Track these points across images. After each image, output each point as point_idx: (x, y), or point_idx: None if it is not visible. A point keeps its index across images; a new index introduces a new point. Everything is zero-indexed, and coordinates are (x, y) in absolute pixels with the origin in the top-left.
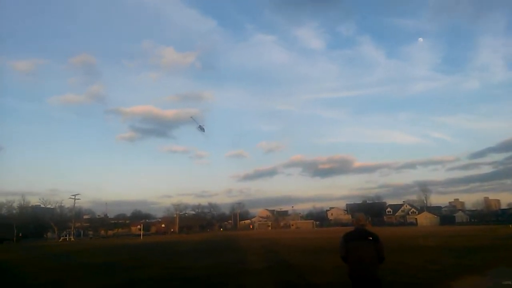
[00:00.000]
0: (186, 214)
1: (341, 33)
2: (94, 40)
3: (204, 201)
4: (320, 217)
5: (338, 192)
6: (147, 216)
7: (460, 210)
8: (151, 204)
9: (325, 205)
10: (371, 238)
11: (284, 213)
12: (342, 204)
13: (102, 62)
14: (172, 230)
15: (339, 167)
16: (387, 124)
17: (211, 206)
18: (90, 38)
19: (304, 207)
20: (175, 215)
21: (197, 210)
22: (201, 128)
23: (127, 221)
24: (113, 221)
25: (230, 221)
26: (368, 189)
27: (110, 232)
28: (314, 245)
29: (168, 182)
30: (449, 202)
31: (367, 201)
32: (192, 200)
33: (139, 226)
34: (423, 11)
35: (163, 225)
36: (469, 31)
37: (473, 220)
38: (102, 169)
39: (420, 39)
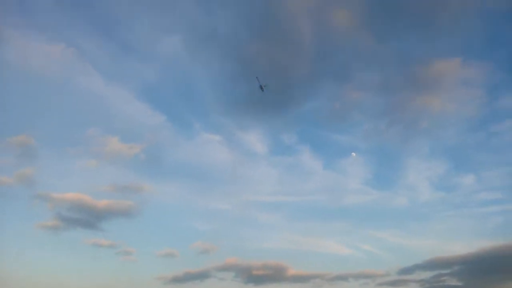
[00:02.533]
0: None
1: (283, 141)
2: (36, 122)
3: None
4: None
5: None
6: None
7: None
8: None
9: None
10: None
11: None
12: None
13: (41, 145)
14: None
15: (273, 274)
16: (322, 232)
17: None
18: (33, 120)
19: None
20: None
21: None
22: (261, 88)
23: None
24: None
25: None
26: None
27: None
28: None
29: (88, 277)
30: None
31: None
32: None
33: None
34: (358, 131)
35: None
36: (398, 153)
37: None
38: (15, 259)
39: (353, 154)
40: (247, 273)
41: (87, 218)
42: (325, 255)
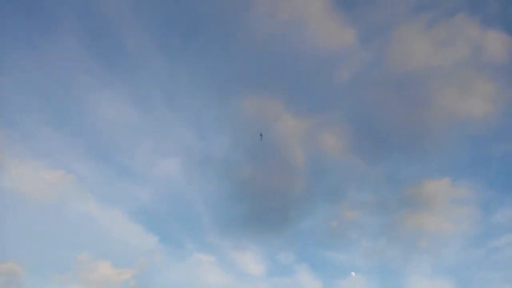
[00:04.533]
0: None
1: (280, 261)
2: (26, 248)
3: None
4: None
5: None
6: None
7: None
8: None
9: None
10: None
11: None
12: None
13: (29, 273)
14: None
15: None
16: None
17: None
18: (23, 246)
19: None
20: None
21: None
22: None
23: None
24: None
25: None
26: None
27: None
28: None
29: None
30: None
31: None
32: None
33: None
34: (356, 250)
35: None
36: (399, 272)
37: None
38: None
39: (353, 274)
40: None
41: None
42: None
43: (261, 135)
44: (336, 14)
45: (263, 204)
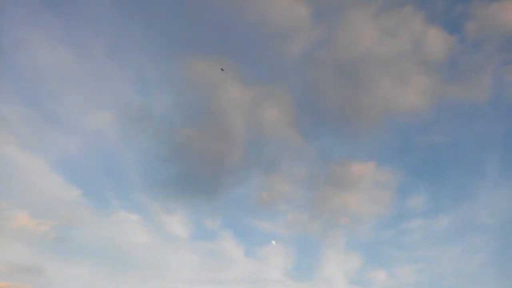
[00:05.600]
0: None
1: (206, 226)
2: None
3: None
4: None
5: None
6: None
7: None
8: None
9: None
10: None
11: None
12: None
13: None
14: None
15: None
16: None
17: None
18: None
19: None
20: None
21: None
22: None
23: None
24: None
25: None
26: None
27: None
28: None
29: None
30: None
31: None
32: None
33: None
34: (281, 220)
35: None
36: (317, 245)
37: None
38: None
39: (273, 242)
40: None
41: None
42: None
43: (222, 69)
44: None
45: (197, 168)
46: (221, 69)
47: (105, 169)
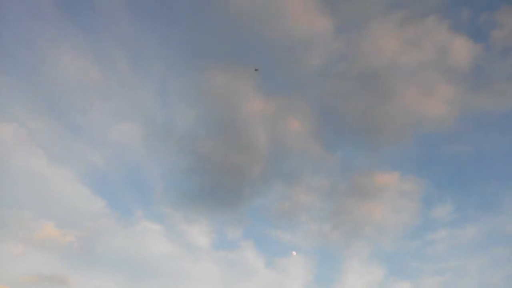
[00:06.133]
0: None
1: (227, 236)
2: None
3: None
4: None
5: None
6: None
7: None
8: None
9: None
10: None
11: None
12: None
13: None
14: None
15: None
16: None
17: None
18: None
19: None
20: None
21: None
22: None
23: None
24: None
25: None
26: None
27: None
28: None
29: None
30: None
31: None
32: None
33: None
34: (302, 231)
35: None
36: (339, 256)
37: None
38: None
39: (294, 253)
40: None
41: None
42: None
43: (256, 69)
44: (314, 1)
45: (219, 179)
46: (255, 69)
47: (129, 181)
